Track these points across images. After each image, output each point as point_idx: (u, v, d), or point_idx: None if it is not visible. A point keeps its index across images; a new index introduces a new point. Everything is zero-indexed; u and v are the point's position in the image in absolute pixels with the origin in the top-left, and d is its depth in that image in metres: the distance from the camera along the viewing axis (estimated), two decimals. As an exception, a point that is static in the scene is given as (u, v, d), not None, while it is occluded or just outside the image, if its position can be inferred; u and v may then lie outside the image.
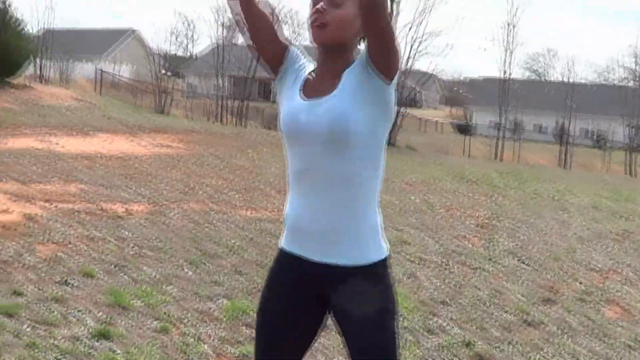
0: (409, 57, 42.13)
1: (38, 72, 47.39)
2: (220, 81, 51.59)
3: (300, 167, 3.53)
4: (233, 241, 10.89)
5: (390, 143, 39.03)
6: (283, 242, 3.68)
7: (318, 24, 3.39)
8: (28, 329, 6.54)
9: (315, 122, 3.39)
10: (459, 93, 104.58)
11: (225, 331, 7.02)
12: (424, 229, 13.14)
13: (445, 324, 7.76)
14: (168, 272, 8.95)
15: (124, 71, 61.59)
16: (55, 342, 6.26)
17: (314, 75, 3.57)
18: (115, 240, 10.47)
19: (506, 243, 12.50)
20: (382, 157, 3.56)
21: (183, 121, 40.03)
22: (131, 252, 9.82)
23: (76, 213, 12.19)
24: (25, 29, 41.12)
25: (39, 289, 7.79)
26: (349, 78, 3.42)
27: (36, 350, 6.04)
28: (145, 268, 9.03)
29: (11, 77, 38.50)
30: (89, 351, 6.14)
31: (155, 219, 12.23)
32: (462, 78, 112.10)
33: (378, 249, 3.53)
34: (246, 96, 49.92)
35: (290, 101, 3.56)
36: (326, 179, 3.44)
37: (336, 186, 3.44)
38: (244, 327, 7.13)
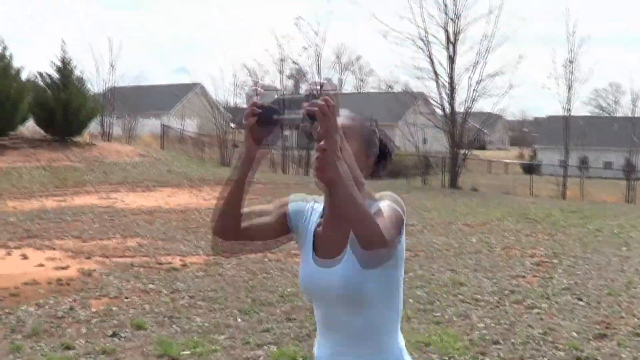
0: (471, 99, 42.12)
1: (103, 130, 48.15)
2: (284, 131, 51.82)
3: (322, 320, 3.59)
4: (287, 289, 10.96)
5: (454, 186, 38.91)
6: None
7: (319, 166, 3.33)
8: (75, 382, 6.66)
9: (331, 287, 3.42)
10: (526, 132, 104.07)
11: (271, 378, 7.06)
12: (481, 270, 13.07)
13: (494, 364, 7.71)
14: (219, 321, 9.03)
15: (190, 125, 62.15)
16: (101, 394, 6.36)
17: (322, 225, 3.53)
18: (169, 292, 10.62)
19: (564, 281, 12.35)
20: (400, 292, 3.57)
21: (247, 172, 40.22)
22: (184, 303, 9.95)
23: (133, 267, 12.40)
24: (89, 88, 41.77)
25: (90, 343, 7.95)
26: None
27: (81, 403, 6.14)
28: (196, 318, 9.13)
29: (75, 136, 39.15)
30: (134, 402, 6.22)
31: (211, 270, 12.36)
32: (531, 118, 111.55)
33: None
34: (310, 146, 50.13)
35: (305, 262, 3.56)
36: (348, 331, 3.49)
37: (359, 335, 3.48)
38: (290, 374, 7.16)
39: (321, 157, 3.05)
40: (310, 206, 3.57)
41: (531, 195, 37.61)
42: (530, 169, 60.14)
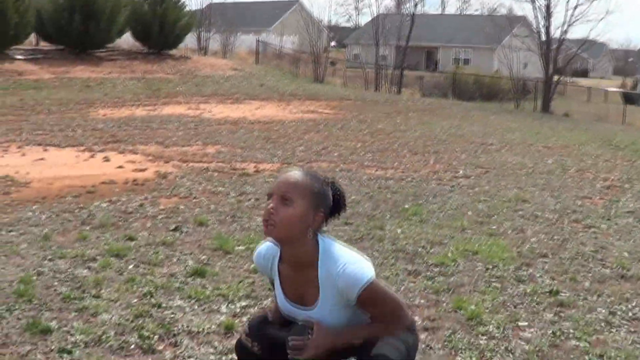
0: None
1: (199, 44, 48.82)
2: (381, 50, 52.02)
3: None
4: (351, 197, 11.23)
5: (546, 110, 38.56)
6: None
7: (267, 223, 3.63)
8: (131, 267, 7.15)
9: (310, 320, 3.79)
10: (631, 62, 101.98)
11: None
12: (548, 189, 13.16)
13: (537, 275, 7.85)
14: (279, 222, 9.39)
15: (288, 42, 62.46)
16: (152, 278, 6.82)
17: (285, 270, 3.86)
18: (237, 194, 11.08)
19: (630, 204, 12.32)
20: None
21: (338, 89, 40.51)
22: (248, 205, 10.42)
23: (207, 171, 12.88)
24: (185, 3, 42.35)
25: (152, 235, 8.44)
26: (329, 298, 3.71)
27: (133, 285, 6.61)
28: (257, 218, 9.52)
29: (171, 49, 39.86)
30: (181, 286, 6.66)
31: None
32: (636, 48, 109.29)
33: None
34: (405, 65, 50.23)
35: (280, 297, 3.92)
36: None
37: None
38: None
39: (267, 217, 3.65)
40: (270, 254, 3.93)
41: (623, 123, 37.02)
42: (631, 98, 59.08)
